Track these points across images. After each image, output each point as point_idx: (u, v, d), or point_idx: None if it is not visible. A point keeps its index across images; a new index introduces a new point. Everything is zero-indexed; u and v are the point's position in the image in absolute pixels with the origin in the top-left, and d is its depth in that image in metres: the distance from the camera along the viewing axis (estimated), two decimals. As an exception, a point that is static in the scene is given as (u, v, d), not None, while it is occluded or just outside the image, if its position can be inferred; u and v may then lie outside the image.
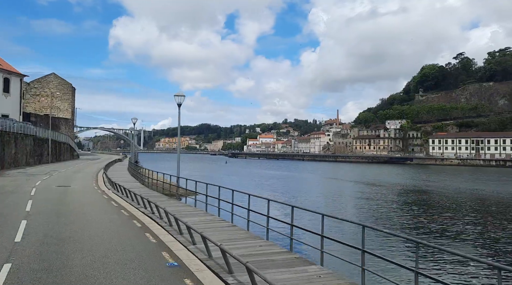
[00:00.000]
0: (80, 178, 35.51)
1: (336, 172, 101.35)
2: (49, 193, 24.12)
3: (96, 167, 51.24)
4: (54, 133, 62.42)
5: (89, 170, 46.96)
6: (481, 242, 23.54)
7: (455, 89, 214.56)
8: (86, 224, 15.15)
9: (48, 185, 28.83)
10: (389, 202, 41.41)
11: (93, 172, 43.47)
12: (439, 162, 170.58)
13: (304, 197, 44.94)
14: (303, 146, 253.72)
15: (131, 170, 44.51)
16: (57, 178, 34.55)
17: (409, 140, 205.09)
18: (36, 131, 55.73)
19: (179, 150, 31.77)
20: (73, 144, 77.92)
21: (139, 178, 36.36)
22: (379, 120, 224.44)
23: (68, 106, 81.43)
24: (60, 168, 48.70)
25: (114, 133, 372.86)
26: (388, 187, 59.22)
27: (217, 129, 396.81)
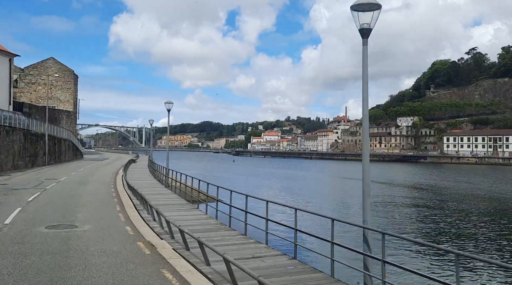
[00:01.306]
0: (91, 196, 20.82)
1: (351, 171, 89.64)
2: (29, 254, 9.65)
3: (109, 172, 36.91)
4: (52, 128, 47.86)
5: (101, 177, 32.38)
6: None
7: (468, 86, 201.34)
8: None
9: (33, 220, 14.06)
10: (420, 207, 34.16)
11: (107, 181, 29.01)
12: (454, 160, 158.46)
13: (341, 207, 34.18)
14: (310, 143, 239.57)
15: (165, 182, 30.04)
16: (53, 198, 19.77)
17: (422, 138, 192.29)
18: (29, 124, 41.19)
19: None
20: (76, 141, 63.32)
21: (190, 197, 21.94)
22: (389, 117, 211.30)
23: (69, 96, 66.73)
24: (60, 173, 34.15)
25: (115, 130, 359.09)
26: (411, 187, 52.82)
27: (219, 127, 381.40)
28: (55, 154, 47.81)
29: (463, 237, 22.53)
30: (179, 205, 19.42)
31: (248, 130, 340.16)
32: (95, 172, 37.70)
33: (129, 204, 17.92)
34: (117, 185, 26.17)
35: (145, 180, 32.04)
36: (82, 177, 31.46)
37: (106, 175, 34.29)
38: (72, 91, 66.99)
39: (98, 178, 31.41)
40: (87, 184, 26.64)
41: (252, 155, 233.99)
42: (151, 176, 35.29)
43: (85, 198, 19.84)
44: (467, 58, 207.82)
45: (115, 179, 30.65)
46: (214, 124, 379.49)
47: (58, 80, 66.33)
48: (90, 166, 45.99)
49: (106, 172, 37.73)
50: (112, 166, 45.85)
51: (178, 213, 16.59)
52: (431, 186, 55.41)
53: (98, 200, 19.11)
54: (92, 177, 31.68)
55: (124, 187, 24.17)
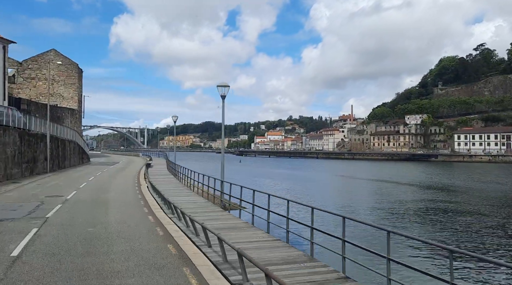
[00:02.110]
0: (120, 237, 12.00)
1: (366, 171, 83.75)
2: None
3: (129, 184, 28.43)
4: (55, 127, 39.35)
5: (121, 192, 23.67)
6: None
7: (477, 82, 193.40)
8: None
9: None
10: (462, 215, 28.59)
11: (131, 200, 20.31)
12: (466, 158, 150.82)
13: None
14: (315, 143, 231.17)
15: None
16: (59, 243, 10.96)
17: (431, 136, 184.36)
18: (26, 123, 32.66)
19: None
20: (83, 143, 54.34)
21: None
22: (396, 115, 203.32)
23: (73, 93, 58.02)
24: (65, 186, 25.53)
25: (117, 132, 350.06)
26: (432, 188, 47.23)
27: (221, 127, 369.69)
28: (59, 159, 39.21)
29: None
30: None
31: (250, 130, 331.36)
32: (109, 182, 29.12)
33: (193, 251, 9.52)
34: (152, 206, 17.67)
35: (185, 194, 23.52)
36: (96, 191, 22.94)
37: (126, 187, 25.76)
38: (77, 87, 58.28)
39: (118, 193, 22.86)
40: (107, 205, 18.08)
41: (257, 154, 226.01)
42: (188, 189, 26.87)
43: (112, 240, 11.35)
44: (475, 54, 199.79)
45: (142, 193, 22.21)
46: (216, 125, 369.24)
47: (61, 75, 57.68)
48: (101, 172, 37.40)
49: (124, 182, 29.29)
50: (128, 173, 37.44)
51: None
52: (460, 187, 48.91)
53: (138, 251, 10.38)
54: (110, 192, 23.09)
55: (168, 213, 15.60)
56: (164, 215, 15.38)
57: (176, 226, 13.53)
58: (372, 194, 42.12)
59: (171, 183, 29.36)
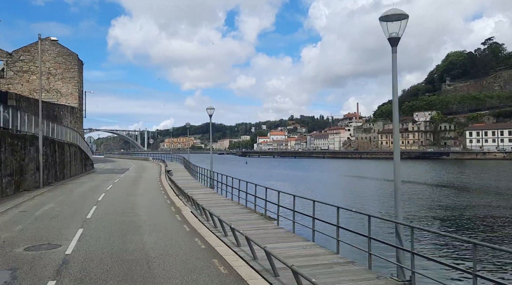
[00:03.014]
0: None
1: (378, 170, 78.08)
2: None
3: (156, 202, 19.32)
4: (50, 126, 29.64)
5: (156, 225, 13.85)
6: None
7: (486, 77, 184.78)
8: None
9: None
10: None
11: (184, 249, 10.69)
12: (480, 156, 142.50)
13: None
14: (320, 142, 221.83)
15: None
16: None
17: (441, 133, 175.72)
18: (8, 120, 23.00)
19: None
20: (86, 146, 43.66)
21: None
22: (403, 112, 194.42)
23: (73, 88, 48.06)
24: (63, 215, 15.58)
25: (117, 134, 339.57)
26: (453, 188, 43.97)
27: (222, 128, 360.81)
28: (56, 167, 29.38)
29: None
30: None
31: (251, 130, 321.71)
32: (130, 204, 19.28)
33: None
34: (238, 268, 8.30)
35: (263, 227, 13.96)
36: (116, 226, 13.27)
37: (160, 214, 15.99)
38: (77, 81, 48.30)
39: (153, 229, 13.09)
40: (146, 266, 8.56)
41: (260, 155, 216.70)
42: (252, 212, 17.26)
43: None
44: (483, 49, 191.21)
45: (193, 228, 12.57)
46: (216, 126, 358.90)
47: (58, 67, 47.74)
48: (112, 185, 27.46)
49: (152, 202, 19.63)
50: (149, 186, 27.62)
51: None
52: (485, 186, 44.90)
53: None
54: (140, 228, 13.34)
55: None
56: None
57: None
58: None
59: (225, 205, 19.68)
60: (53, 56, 47.04)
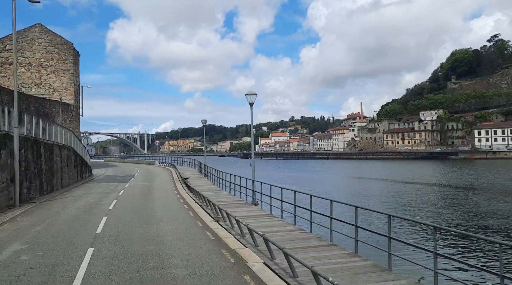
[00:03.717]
0: None
1: (388, 171, 74.31)
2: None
3: (189, 235, 12.07)
4: (33, 122, 22.49)
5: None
6: None
7: (493, 75, 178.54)
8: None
9: None
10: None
11: None
12: (490, 155, 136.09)
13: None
14: (324, 143, 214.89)
15: None
16: None
17: (448, 132, 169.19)
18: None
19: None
20: (82, 149, 35.79)
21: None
22: (408, 112, 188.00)
23: (68, 82, 40.80)
24: (29, 276, 8.67)
25: (116, 138, 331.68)
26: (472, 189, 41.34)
27: (222, 130, 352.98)
28: (42, 177, 22.12)
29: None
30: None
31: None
32: (150, 251, 10.96)
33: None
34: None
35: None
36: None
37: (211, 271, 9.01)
38: (72, 74, 41.02)
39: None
40: None
41: (263, 157, 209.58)
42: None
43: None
44: (489, 46, 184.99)
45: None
46: (217, 128, 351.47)
47: (50, 58, 40.50)
48: (116, 201, 19.92)
49: (185, 241, 12.32)
50: (168, 203, 20.27)
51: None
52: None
53: None
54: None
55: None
56: None
57: None
58: (420, 198, 35.85)
59: (305, 239, 12.54)
60: (44, 46, 39.87)
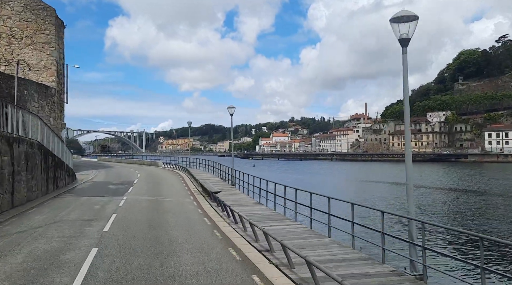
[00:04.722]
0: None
1: (397, 174, 69.17)
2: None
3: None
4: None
5: None
6: None
7: (502, 76, 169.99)
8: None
9: None
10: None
11: None
12: (502, 158, 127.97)
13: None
14: (326, 144, 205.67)
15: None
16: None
17: (456, 134, 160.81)
18: None
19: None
20: (60, 147, 25.51)
21: None
22: (414, 113, 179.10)
23: (48, 60, 30.76)
24: None
25: (115, 136, 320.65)
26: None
27: (222, 130, 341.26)
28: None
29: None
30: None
31: (251, 132, 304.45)
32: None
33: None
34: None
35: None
36: None
37: None
38: (54, 49, 31.23)
39: None
40: None
41: (264, 157, 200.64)
42: None
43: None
44: (498, 47, 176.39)
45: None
46: (216, 127, 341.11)
47: (25, 28, 30.65)
48: (96, 259, 9.62)
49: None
50: (197, 242, 11.53)
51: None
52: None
53: None
54: None
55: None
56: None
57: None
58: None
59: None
60: (18, 11, 30.12)
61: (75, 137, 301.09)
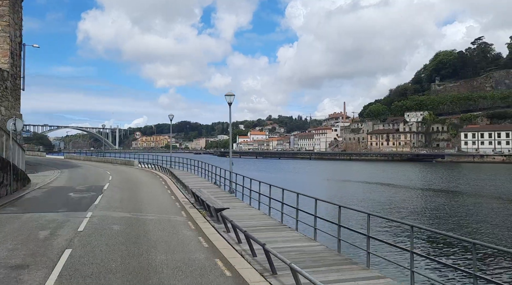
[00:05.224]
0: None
1: (379, 173, 69.25)
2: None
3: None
4: None
5: None
6: None
7: (477, 77, 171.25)
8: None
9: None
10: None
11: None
12: (477, 158, 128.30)
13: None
14: (305, 142, 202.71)
15: None
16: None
17: (433, 134, 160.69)
18: None
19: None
20: (4, 142, 19.40)
21: None
22: (392, 112, 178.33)
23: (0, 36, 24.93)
24: None
25: (87, 132, 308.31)
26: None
27: (198, 127, 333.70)
28: None
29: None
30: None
31: (228, 130, 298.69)
32: None
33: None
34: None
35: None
36: None
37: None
38: (8, 25, 25.08)
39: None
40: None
41: (241, 155, 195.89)
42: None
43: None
44: (473, 48, 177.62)
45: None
46: (192, 124, 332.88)
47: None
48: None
49: None
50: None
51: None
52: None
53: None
54: None
55: None
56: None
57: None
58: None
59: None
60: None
61: (44, 132, 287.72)
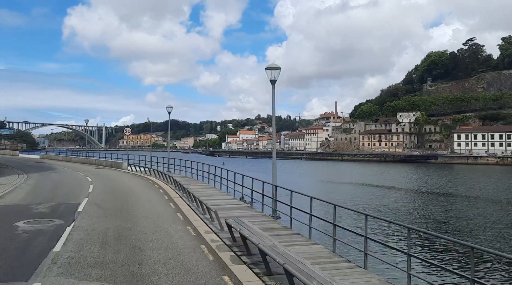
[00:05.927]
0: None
1: (375, 174, 68.43)
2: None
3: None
4: None
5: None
6: None
7: (469, 78, 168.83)
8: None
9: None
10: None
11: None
12: (471, 160, 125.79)
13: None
14: (296, 142, 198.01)
15: None
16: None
17: (426, 135, 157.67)
18: None
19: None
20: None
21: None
22: (383, 113, 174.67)
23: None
24: None
25: (72, 130, 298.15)
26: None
27: (186, 126, 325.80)
28: None
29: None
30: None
31: (216, 129, 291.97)
32: None
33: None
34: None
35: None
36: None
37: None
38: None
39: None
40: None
41: (231, 155, 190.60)
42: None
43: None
44: (465, 49, 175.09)
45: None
46: (180, 123, 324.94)
47: None
48: None
49: None
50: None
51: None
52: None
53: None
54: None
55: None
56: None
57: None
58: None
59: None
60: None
61: (28, 130, 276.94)
